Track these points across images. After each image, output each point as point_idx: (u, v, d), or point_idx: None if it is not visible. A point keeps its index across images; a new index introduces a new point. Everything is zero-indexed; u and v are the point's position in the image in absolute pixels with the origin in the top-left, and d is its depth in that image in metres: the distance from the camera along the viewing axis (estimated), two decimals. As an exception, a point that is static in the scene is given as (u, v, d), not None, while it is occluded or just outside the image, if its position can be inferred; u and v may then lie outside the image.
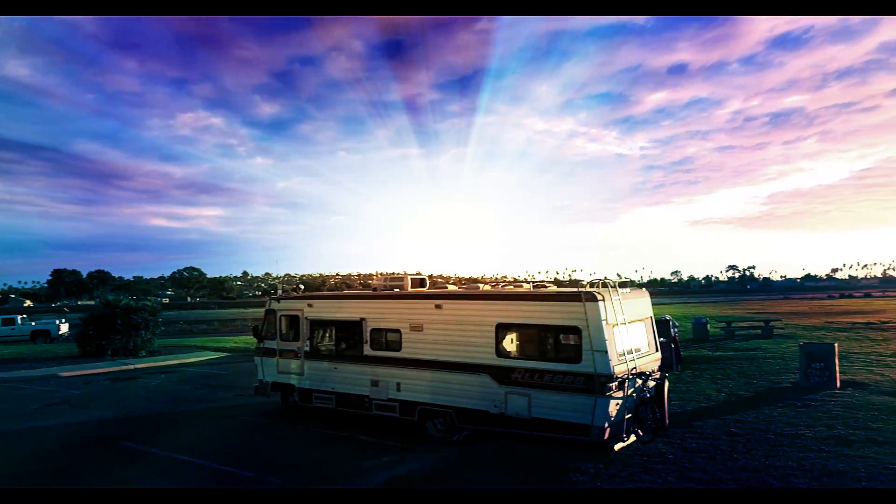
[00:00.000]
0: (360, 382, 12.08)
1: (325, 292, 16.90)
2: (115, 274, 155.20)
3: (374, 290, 13.03)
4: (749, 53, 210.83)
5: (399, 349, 11.59)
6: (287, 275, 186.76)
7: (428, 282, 13.42)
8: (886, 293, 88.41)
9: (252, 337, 14.83)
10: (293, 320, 13.55)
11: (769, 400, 13.37)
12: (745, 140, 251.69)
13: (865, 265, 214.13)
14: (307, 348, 13.16)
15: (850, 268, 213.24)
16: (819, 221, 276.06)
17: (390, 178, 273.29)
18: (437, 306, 11.17)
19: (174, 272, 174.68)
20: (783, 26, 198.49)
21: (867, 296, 79.59)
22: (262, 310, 14.40)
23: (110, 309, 26.71)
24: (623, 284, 10.67)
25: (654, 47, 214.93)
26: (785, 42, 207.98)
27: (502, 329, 10.42)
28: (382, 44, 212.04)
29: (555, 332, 10.08)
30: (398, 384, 11.53)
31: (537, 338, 10.25)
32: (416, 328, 11.37)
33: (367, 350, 12.08)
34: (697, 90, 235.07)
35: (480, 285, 12.04)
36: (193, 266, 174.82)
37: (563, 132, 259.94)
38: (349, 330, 12.49)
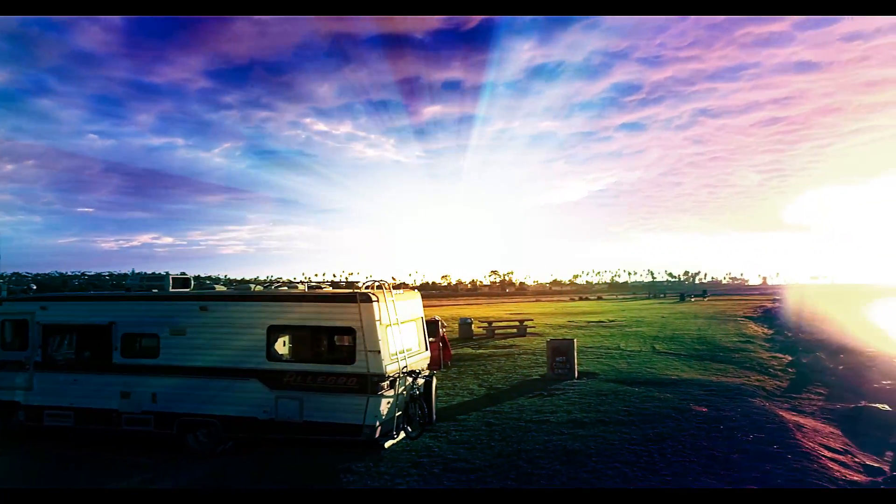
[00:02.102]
0: (108, 395, 10.68)
1: (65, 293, 14.68)
2: None
3: (128, 290, 11.66)
4: (513, 79, 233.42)
5: (156, 356, 10.51)
6: (16, 274, 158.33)
7: (192, 282, 12.38)
8: (617, 296, 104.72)
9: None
10: (19, 326, 11.48)
11: (522, 391, 14.82)
12: (509, 157, 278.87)
13: (599, 272, 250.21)
14: (38, 358, 11.24)
15: (587, 274, 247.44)
16: (565, 233, 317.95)
17: (151, 169, 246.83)
18: (203, 308, 10.38)
19: None
20: (540, 58, 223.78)
21: (599, 298, 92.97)
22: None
23: None
24: (397, 287, 11.00)
25: (432, 62, 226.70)
26: (542, 72, 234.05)
27: (274, 331, 10.04)
28: (146, 19, 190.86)
29: (329, 334, 10.02)
30: (154, 395, 10.43)
31: (311, 340, 10.11)
32: (178, 332, 10.42)
33: (118, 358, 10.74)
34: (469, 107, 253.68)
35: (252, 286, 11.48)
36: None
37: (342, 135, 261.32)
38: (95, 336, 10.98)
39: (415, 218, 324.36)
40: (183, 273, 11.93)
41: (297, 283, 11.74)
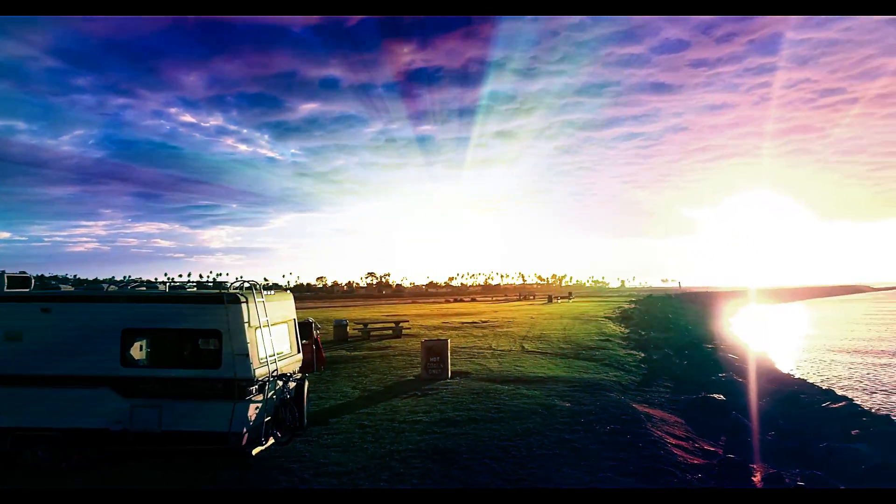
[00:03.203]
0: (-77, 410, 9.32)
1: None
2: None
3: (-48, 290, 10.25)
4: (392, 81, 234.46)
5: (-14, 364, 9.33)
6: None
7: (33, 281, 11.13)
8: (494, 298, 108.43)
9: None
10: None
11: (396, 392, 14.86)
12: (387, 159, 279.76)
13: (473, 275, 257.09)
14: None
15: (462, 277, 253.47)
16: (442, 235, 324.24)
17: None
18: (45, 310, 9.37)
19: None
20: (420, 62, 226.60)
21: (473, 300, 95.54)
22: None
23: None
24: (268, 288, 10.60)
25: (309, 58, 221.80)
26: (421, 77, 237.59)
27: (130, 335, 9.29)
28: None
29: (193, 337, 9.46)
30: (-17, 408, 9.26)
31: (172, 343, 9.47)
32: (13, 337, 9.32)
33: (-63, 368, 9.42)
34: (347, 107, 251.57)
35: (105, 285, 10.54)
36: None
37: (212, 127, 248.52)
38: None
39: (290, 218, 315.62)
40: (22, 271, 10.67)
41: (158, 283, 10.95)
